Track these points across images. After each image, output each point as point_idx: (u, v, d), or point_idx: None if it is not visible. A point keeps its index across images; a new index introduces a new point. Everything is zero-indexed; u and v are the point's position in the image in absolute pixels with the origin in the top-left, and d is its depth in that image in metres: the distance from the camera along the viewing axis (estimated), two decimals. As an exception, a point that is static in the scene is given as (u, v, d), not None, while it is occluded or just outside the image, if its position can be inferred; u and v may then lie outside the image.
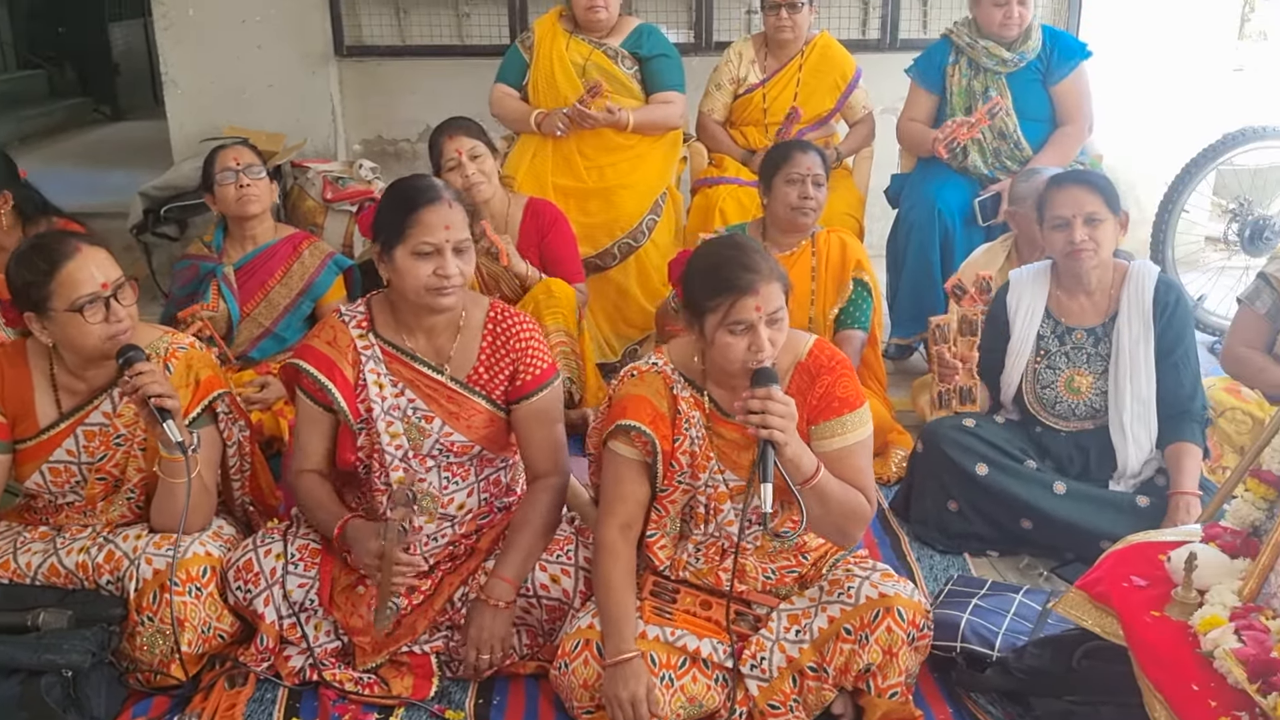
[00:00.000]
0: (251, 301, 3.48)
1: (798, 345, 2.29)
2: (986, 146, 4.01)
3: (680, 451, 2.27)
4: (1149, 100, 5.30)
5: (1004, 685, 2.32)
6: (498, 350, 2.46)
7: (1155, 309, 2.87)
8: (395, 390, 2.42)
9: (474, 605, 2.38)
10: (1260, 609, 1.87)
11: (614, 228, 4.07)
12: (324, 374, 2.40)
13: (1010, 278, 3.08)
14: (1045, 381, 2.98)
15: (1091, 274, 2.92)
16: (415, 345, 2.44)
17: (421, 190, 2.35)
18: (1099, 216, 2.84)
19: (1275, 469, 2.12)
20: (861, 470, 2.25)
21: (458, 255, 2.33)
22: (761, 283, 2.11)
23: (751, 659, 2.23)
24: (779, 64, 4.32)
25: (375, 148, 5.48)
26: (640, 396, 2.28)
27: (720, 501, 2.30)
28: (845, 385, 2.25)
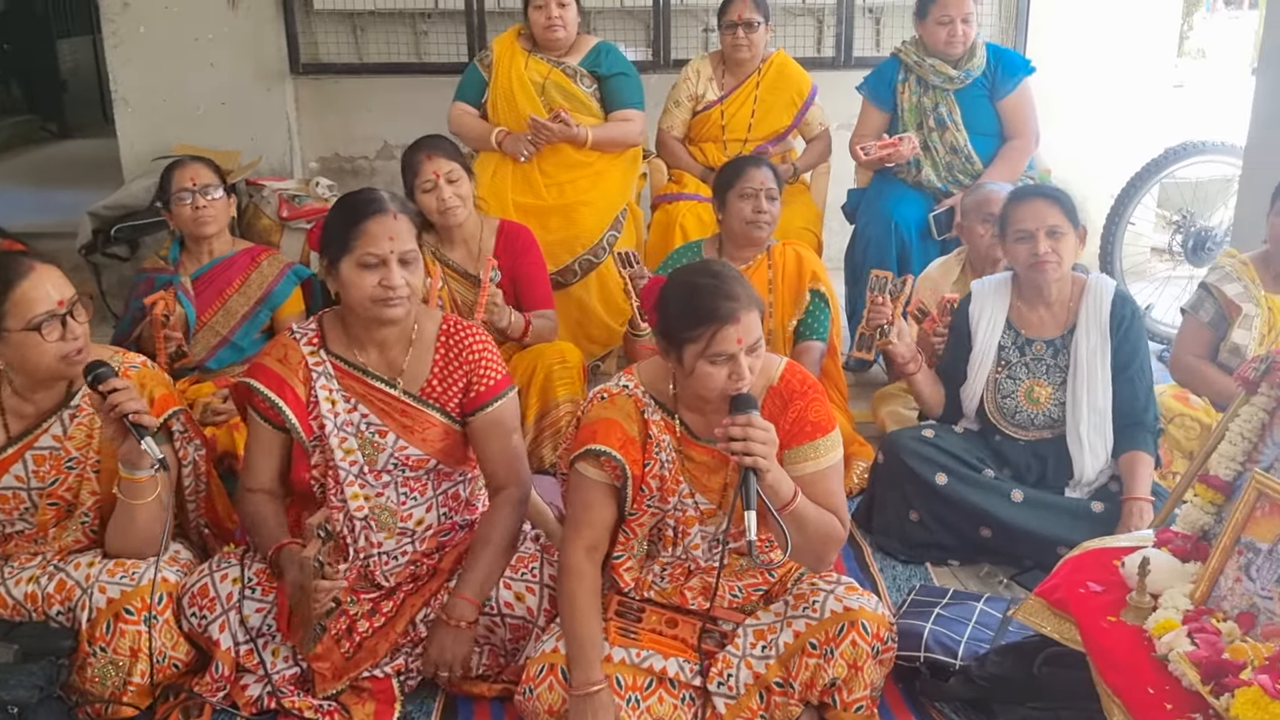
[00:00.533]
0: (209, 310, 3.43)
1: (770, 369, 2.28)
2: (939, 161, 4.08)
3: (650, 475, 2.26)
4: (1094, 116, 5.42)
5: (967, 694, 2.35)
6: (451, 363, 2.45)
7: (1112, 322, 2.93)
8: (348, 406, 2.41)
9: (435, 624, 2.37)
10: (1211, 611, 1.92)
11: (575, 244, 4.08)
12: (275, 392, 2.38)
13: (972, 289, 3.12)
14: (1006, 391, 3.02)
15: (1052, 286, 2.97)
16: (367, 360, 2.43)
17: (366, 202, 2.35)
18: (1061, 230, 2.89)
19: (1222, 474, 2.17)
20: (833, 494, 2.25)
21: (404, 266, 2.32)
22: (743, 312, 2.08)
23: (718, 676, 2.23)
24: (736, 81, 4.37)
25: (332, 165, 5.45)
26: (610, 420, 2.26)
27: (689, 525, 2.30)
28: (818, 410, 2.25)
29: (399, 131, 5.41)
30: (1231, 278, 3.25)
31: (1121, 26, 5.46)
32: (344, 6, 5.21)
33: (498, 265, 3.31)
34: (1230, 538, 1.98)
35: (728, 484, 2.28)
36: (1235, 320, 3.20)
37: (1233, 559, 1.97)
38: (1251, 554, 1.94)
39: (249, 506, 2.44)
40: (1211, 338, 3.28)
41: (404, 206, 2.39)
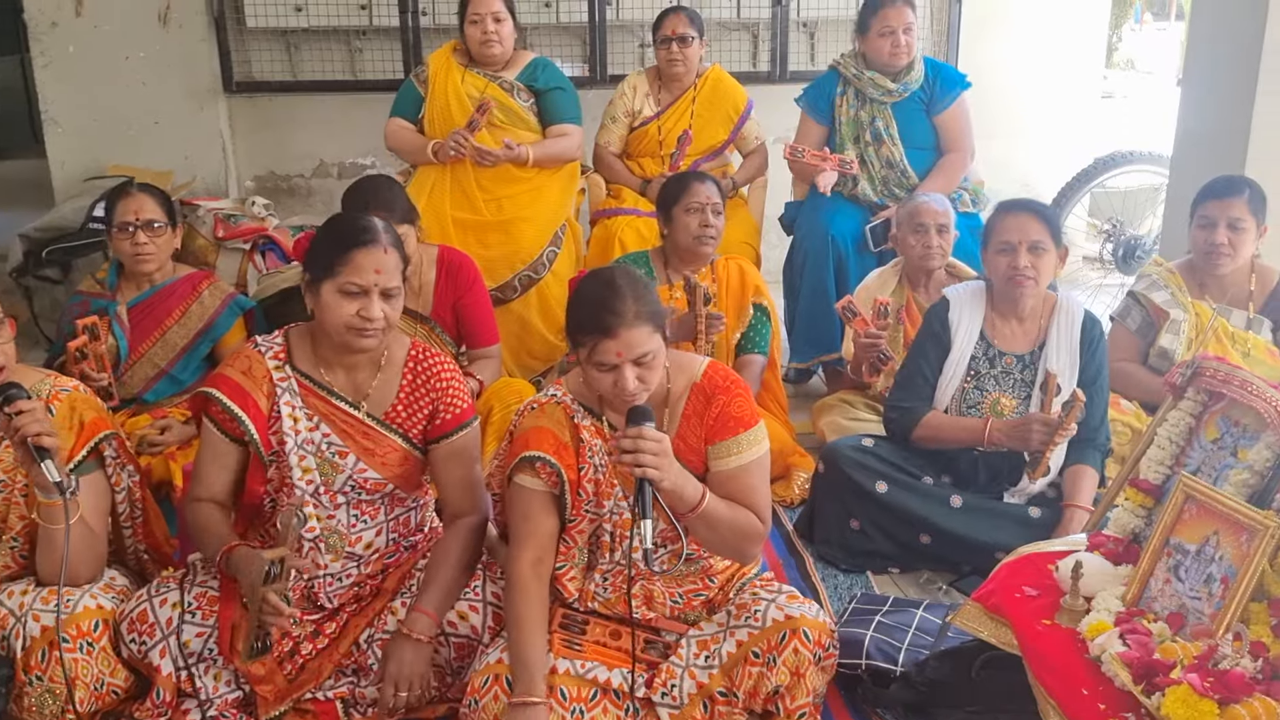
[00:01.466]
0: (147, 341, 3.36)
1: (692, 367, 2.32)
2: (875, 174, 4.14)
3: (585, 480, 2.28)
4: (1025, 126, 5.54)
5: (908, 699, 2.37)
6: (418, 389, 2.44)
7: (1083, 342, 2.96)
8: (310, 424, 2.39)
9: (393, 640, 2.33)
10: (1142, 613, 1.96)
11: (514, 260, 4.08)
12: (238, 404, 2.34)
13: (948, 296, 3.11)
14: (972, 401, 3.04)
15: (1027, 301, 2.98)
16: (333, 380, 2.41)
17: (359, 230, 2.32)
18: (1043, 246, 2.91)
19: (1152, 477, 2.22)
20: (755, 489, 2.27)
21: (385, 299, 2.31)
22: (623, 328, 2.10)
23: (662, 686, 2.23)
24: (673, 97, 4.40)
25: (268, 184, 5.40)
26: (542, 428, 2.28)
27: (626, 528, 2.30)
28: (740, 405, 2.28)
29: (335, 149, 5.38)
30: (1158, 285, 3.34)
31: (1050, 39, 5.59)
32: (277, 24, 5.18)
33: None
34: (1159, 540, 2.03)
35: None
36: (1163, 326, 3.29)
37: (1162, 561, 2.01)
38: (1180, 555, 1.98)
39: (196, 514, 2.40)
40: (1140, 344, 3.37)
41: (395, 240, 2.37)
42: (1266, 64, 3.59)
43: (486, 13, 4.04)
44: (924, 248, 3.54)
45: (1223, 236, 3.20)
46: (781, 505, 3.40)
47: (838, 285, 4.08)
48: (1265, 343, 3.22)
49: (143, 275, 3.37)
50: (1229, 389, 2.13)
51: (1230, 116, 3.74)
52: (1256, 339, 3.21)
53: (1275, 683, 1.73)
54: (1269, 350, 3.20)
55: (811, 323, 4.13)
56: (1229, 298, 3.28)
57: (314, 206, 5.39)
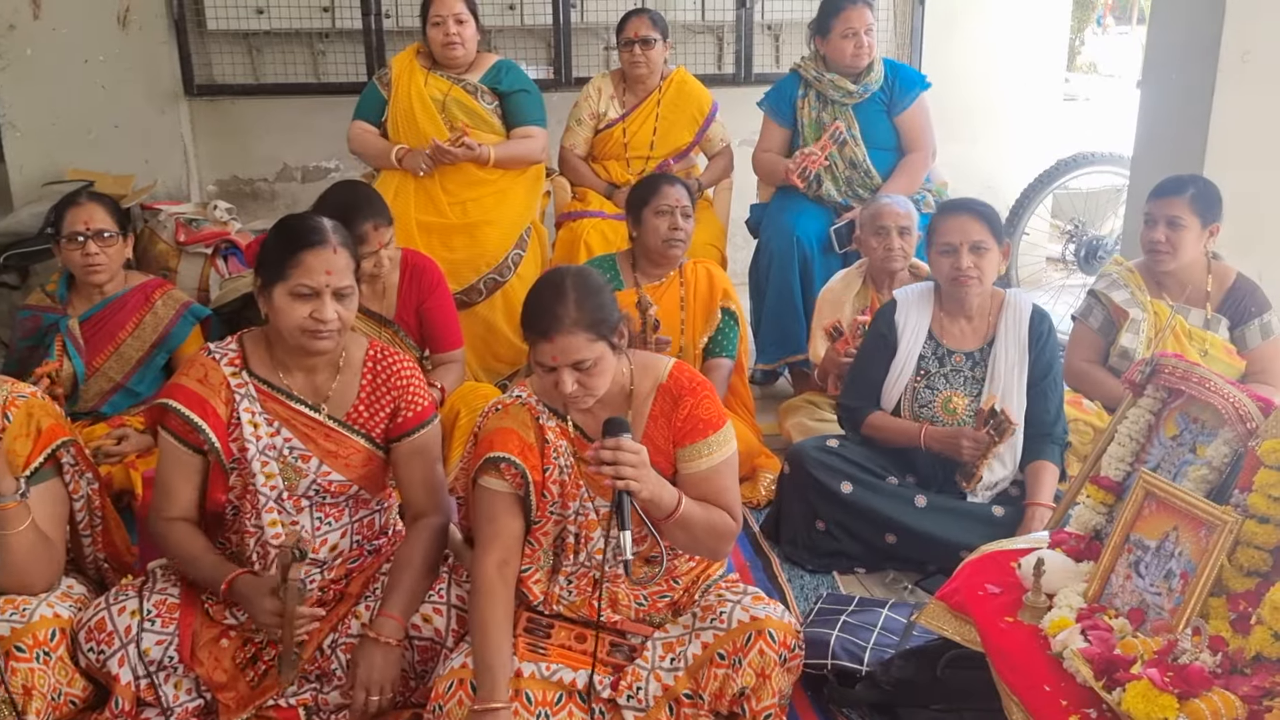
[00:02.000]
0: (101, 355, 3.31)
1: (657, 368, 2.32)
2: (839, 175, 4.15)
3: (550, 481, 2.27)
4: (989, 128, 5.58)
5: (873, 698, 2.38)
6: (378, 388, 2.43)
7: (1031, 338, 2.99)
8: (271, 429, 2.36)
9: (361, 644, 2.31)
10: (1103, 609, 1.97)
11: (479, 263, 4.06)
12: (196, 413, 2.31)
13: (896, 297, 3.15)
14: (924, 401, 3.07)
15: (973, 300, 3.02)
16: (292, 383, 2.39)
17: (307, 231, 2.30)
18: (984, 245, 2.94)
19: (1112, 475, 2.24)
20: (726, 489, 2.29)
21: (338, 300, 2.29)
22: (558, 333, 2.10)
23: (628, 689, 2.22)
24: (637, 99, 4.40)
25: (231, 188, 5.34)
26: (506, 429, 2.27)
27: (591, 530, 2.30)
28: (708, 407, 2.28)
29: (298, 153, 5.33)
30: (1118, 285, 3.36)
31: (1013, 41, 5.63)
32: (239, 26, 5.13)
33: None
34: (1120, 536, 2.04)
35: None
36: (1123, 325, 3.31)
37: (1123, 557, 2.03)
38: (1140, 551, 2.00)
39: (176, 537, 2.36)
40: (1101, 343, 3.39)
41: (345, 239, 2.35)
42: (1224, 65, 3.63)
43: (448, 15, 4.03)
44: (885, 250, 3.56)
45: (1161, 234, 3.23)
46: (748, 506, 3.40)
47: (803, 287, 4.10)
48: (1222, 341, 3.25)
49: (94, 286, 3.32)
50: (1188, 386, 2.15)
51: (1189, 117, 3.79)
52: (1214, 337, 3.24)
53: (1234, 677, 1.75)
54: (1226, 348, 3.24)
55: (777, 324, 4.14)
56: (1187, 296, 3.31)
57: (278, 210, 5.34)
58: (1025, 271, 5.01)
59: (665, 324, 3.46)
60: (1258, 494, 1.89)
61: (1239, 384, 2.12)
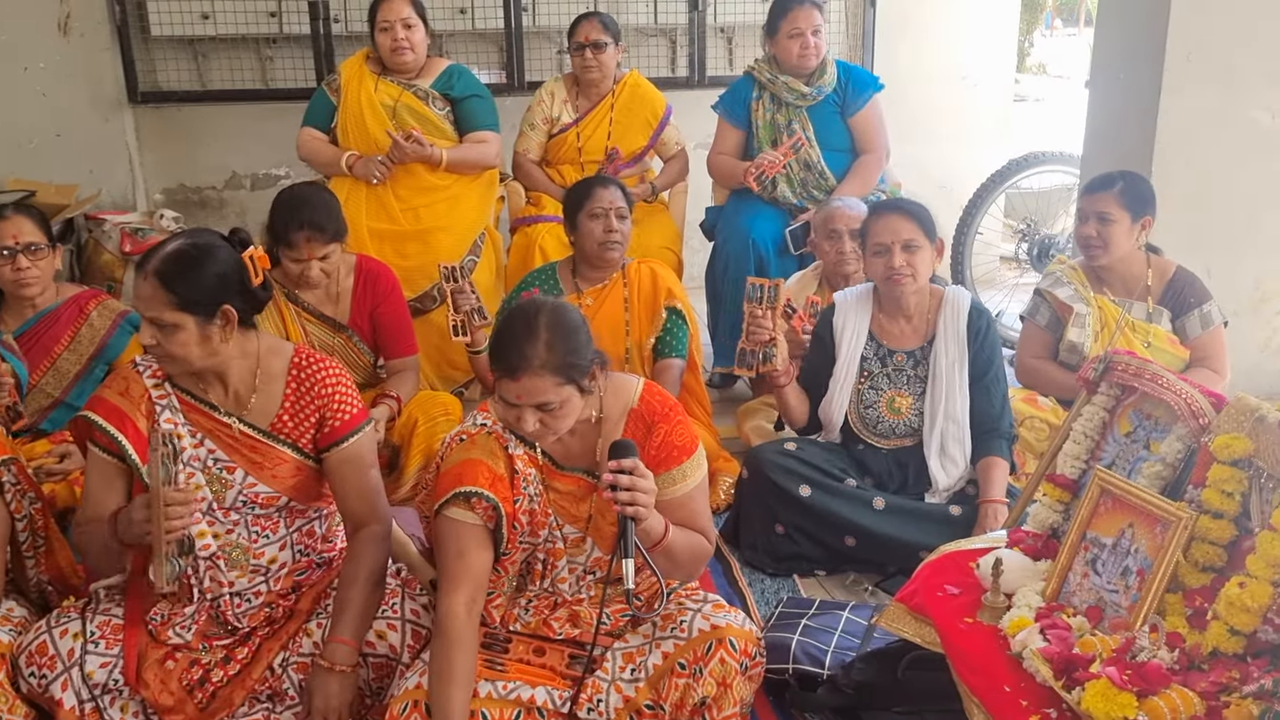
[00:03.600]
0: (37, 371, 3.20)
1: (628, 392, 2.27)
2: (794, 177, 4.15)
3: (521, 511, 2.20)
4: (941, 129, 5.61)
5: (835, 702, 2.37)
6: (303, 397, 2.37)
7: (969, 333, 3.01)
8: (194, 441, 2.31)
9: (315, 673, 2.25)
10: (1062, 607, 1.97)
11: (432, 270, 3.96)
12: (115, 426, 2.25)
13: (835, 300, 3.16)
14: (868, 402, 3.07)
15: (910, 299, 3.03)
16: (214, 394, 2.33)
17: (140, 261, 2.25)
18: (916, 244, 2.95)
19: (1068, 472, 2.24)
20: (699, 513, 2.26)
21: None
22: (524, 374, 2.05)
23: (588, 702, 2.19)
24: (591, 103, 4.37)
25: (178, 196, 5.25)
26: (475, 460, 2.18)
27: (557, 558, 2.26)
28: (681, 432, 2.25)
29: (247, 160, 5.26)
30: (1062, 282, 3.40)
31: (963, 43, 5.67)
32: (183, 32, 5.05)
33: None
34: (1076, 534, 2.04)
35: (592, 512, 2.25)
36: (1069, 321, 3.34)
37: (1079, 555, 2.03)
38: (1097, 549, 2.00)
39: (85, 535, 2.31)
40: (1049, 340, 3.42)
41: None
42: (1170, 63, 3.68)
43: (396, 19, 3.98)
44: (838, 253, 3.56)
45: (1091, 229, 3.28)
46: (707, 511, 3.38)
47: (760, 289, 4.09)
48: (1165, 332, 3.29)
49: (25, 301, 3.23)
50: (1140, 383, 2.16)
51: (1136, 116, 3.83)
52: (1157, 329, 3.29)
53: (1192, 673, 1.75)
54: (1169, 339, 3.29)
55: (735, 327, 4.06)
56: (1129, 290, 3.35)
57: (227, 219, 5.26)
58: (979, 271, 5.04)
59: (609, 326, 3.42)
60: (1211, 489, 1.90)
61: (1189, 379, 2.13)
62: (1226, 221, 3.88)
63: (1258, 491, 1.87)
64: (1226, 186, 3.84)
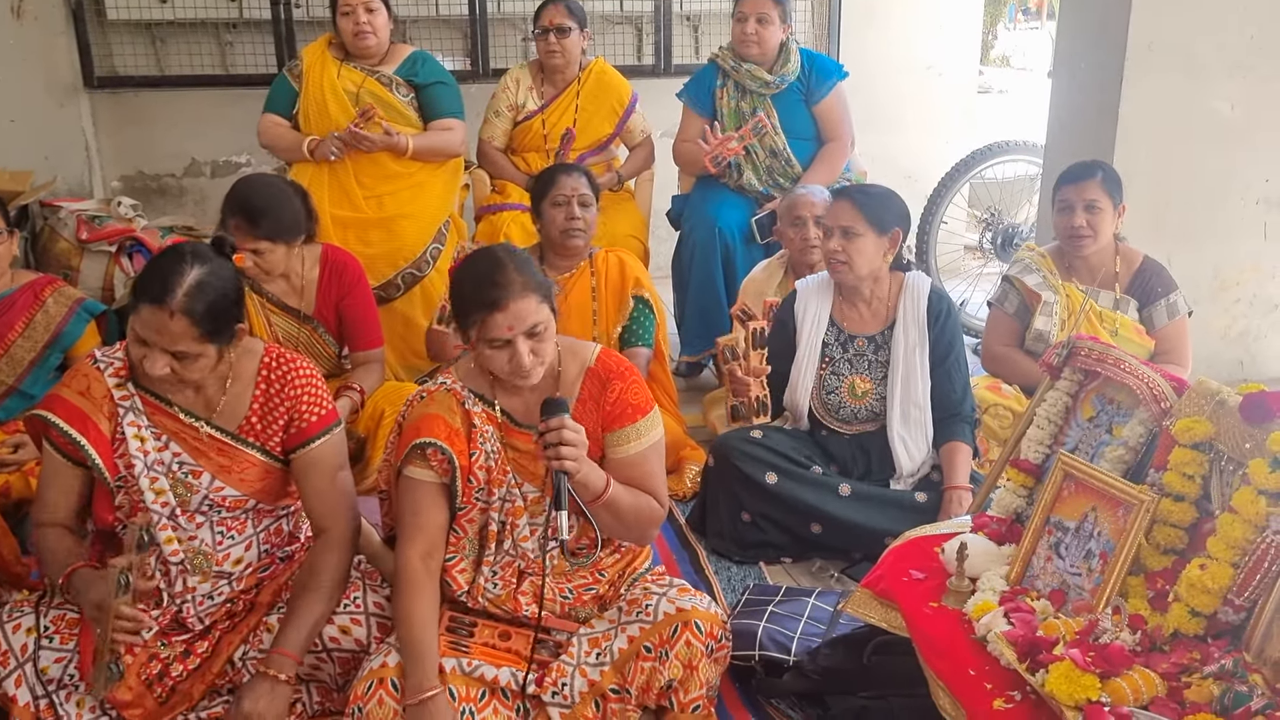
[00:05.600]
0: (-10, 358, 3.16)
1: (584, 353, 2.31)
2: (760, 165, 4.14)
3: (477, 466, 2.23)
4: (906, 119, 5.63)
5: (801, 688, 2.37)
6: (272, 399, 2.32)
7: (929, 318, 3.02)
8: (158, 444, 2.25)
9: (252, 678, 2.20)
10: (1026, 591, 1.98)
11: (396, 258, 3.97)
12: (75, 428, 2.19)
13: (796, 287, 3.18)
14: (830, 387, 3.08)
15: (862, 285, 3.03)
16: (181, 396, 2.27)
17: (151, 291, 2.11)
18: (854, 230, 2.96)
19: (1032, 457, 2.25)
20: (652, 474, 2.29)
21: (178, 360, 2.15)
22: (511, 299, 2.10)
23: (553, 685, 2.18)
24: (556, 90, 4.34)
25: (137, 184, 5.16)
26: (433, 415, 2.22)
27: (517, 516, 2.26)
28: (636, 391, 2.28)
29: (207, 147, 5.18)
30: (1030, 269, 3.41)
31: (929, 34, 5.70)
32: (140, 16, 4.97)
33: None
34: (1040, 518, 2.05)
35: (550, 470, 2.24)
36: (1036, 308, 3.36)
37: (1043, 539, 2.04)
38: (1060, 533, 2.01)
39: (44, 540, 2.25)
40: (1017, 327, 3.44)
41: (185, 301, 2.11)
42: (1132, 52, 3.70)
43: (358, 3, 3.93)
44: (802, 240, 3.56)
45: (1081, 219, 3.29)
46: (674, 499, 3.38)
47: (726, 277, 4.08)
48: (1132, 321, 3.32)
49: None
50: (1103, 368, 2.17)
51: (1098, 105, 3.85)
52: (1124, 318, 3.31)
53: (1154, 654, 1.76)
54: (1136, 328, 3.31)
55: (701, 315, 4.12)
56: (1097, 279, 3.37)
57: (185, 206, 5.18)
58: (943, 260, 5.06)
59: (578, 315, 3.42)
60: (1172, 472, 1.92)
61: (1152, 364, 2.14)
62: (1187, 211, 3.92)
63: (1218, 474, 1.89)
64: (1187, 176, 3.88)
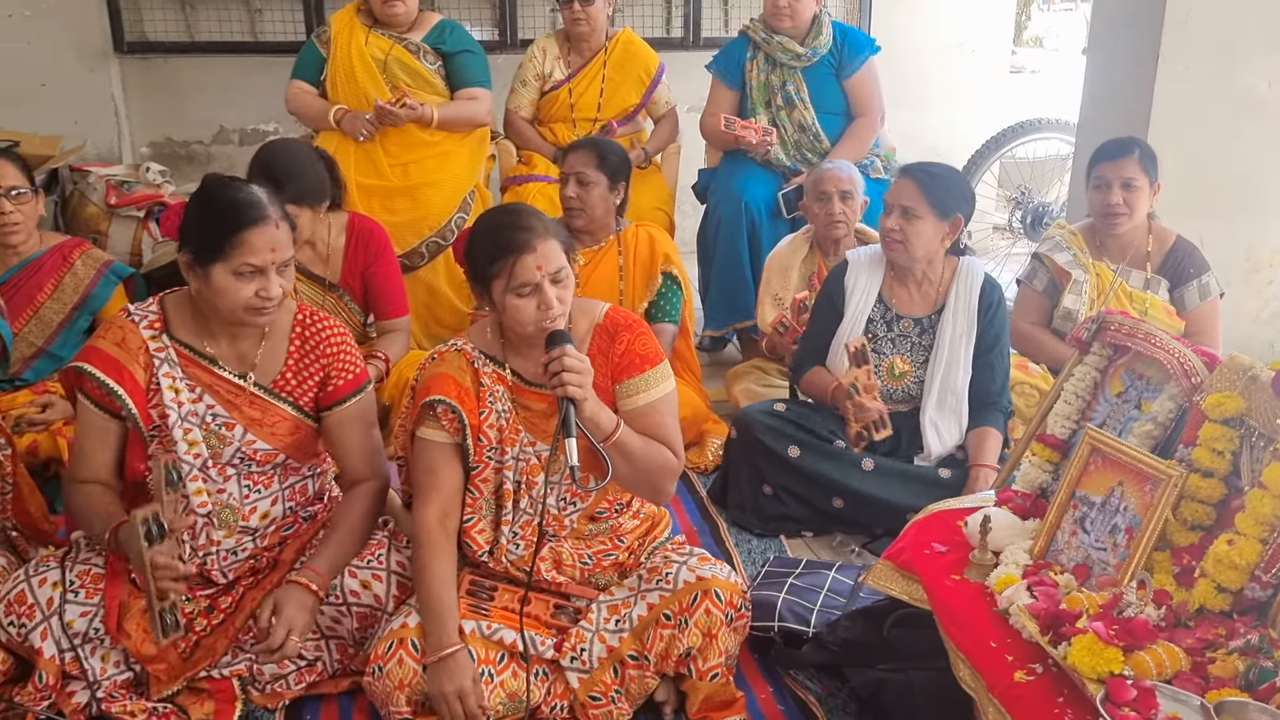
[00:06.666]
0: (20, 320, 3.16)
1: (594, 310, 2.33)
2: (788, 139, 4.11)
3: (487, 425, 2.24)
4: (937, 96, 5.58)
5: (820, 659, 2.36)
6: (306, 355, 2.35)
7: (980, 306, 2.97)
8: (193, 395, 2.27)
9: (284, 585, 2.24)
10: (1049, 565, 1.96)
11: (421, 226, 3.97)
12: (112, 378, 2.22)
13: (848, 258, 3.13)
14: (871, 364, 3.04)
15: (915, 266, 2.99)
16: (216, 350, 2.30)
17: (245, 207, 2.18)
18: (914, 211, 2.91)
19: (1058, 432, 2.23)
20: (666, 425, 2.29)
21: (280, 273, 2.22)
22: (538, 240, 2.14)
23: (571, 651, 2.20)
24: (583, 60, 4.32)
25: (165, 150, 5.18)
26: (442, 374, 2.25)
27: (534, 474, 2.28)
28: (644, 342, 2.29)
29: (236, 115, 5.20)
30: (1061, 247, 3.37)
31: (962, 11, 5.63)
32: (171, -18, 4.96)
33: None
34: (1066, 492, 2.03)
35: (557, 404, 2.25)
36: (1066, 287, 3.32)
37: (1068, 513, 2.02)
38: (1086, 507, 1.99)
39: (79, 498, 2.28)
40: (1046, 305, 3.40)
41: (281, 209, 2.25)
42: (1169, 27, 3.64)
43: (387, -30, 3.92)
44: (827, 215, 3.52)
45: (1117, 196, 3.24)
46: (695, 471, 3.38)
47: (751, 252, 4.06)
48: (1162, 302, 3.27)
49: (9, 248, 3.18)
50: (1133, 342, 2.14)
51: (1134, 82, 3.79)
52: (1154, 298, 3.26)
53: (1178, 630, 1.75)
54: (1166, 309, 3.26)
55: (726, 290, 4.10)
56: (1128, 258, 3.32)
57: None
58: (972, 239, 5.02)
59: (602, 290, 3.41)
60: (1201, 448, 1.89)
61: (1183, 339, 2.11)
62: (1220, 190, 3.86)
63: (1248, 450, 1.86)
64: (1221, 154, 3.82)
